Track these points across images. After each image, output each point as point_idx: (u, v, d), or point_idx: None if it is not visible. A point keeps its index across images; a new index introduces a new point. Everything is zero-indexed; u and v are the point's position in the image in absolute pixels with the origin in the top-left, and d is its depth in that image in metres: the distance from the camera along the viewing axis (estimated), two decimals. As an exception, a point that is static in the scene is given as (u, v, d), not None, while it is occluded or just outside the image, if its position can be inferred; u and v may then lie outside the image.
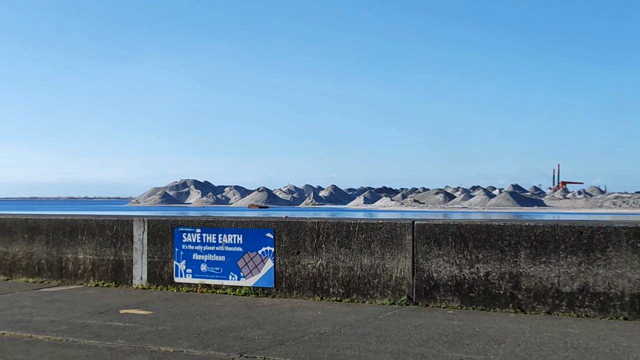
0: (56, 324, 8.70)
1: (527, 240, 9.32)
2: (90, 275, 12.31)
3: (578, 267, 9.01)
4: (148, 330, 8.27)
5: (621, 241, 8.85)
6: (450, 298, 9.68)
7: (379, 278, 10.12)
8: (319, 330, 8.18)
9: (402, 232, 10.06)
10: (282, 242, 10.78)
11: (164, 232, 11.71)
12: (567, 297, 9.04)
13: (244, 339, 7.77)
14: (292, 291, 10.65)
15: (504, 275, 9.40)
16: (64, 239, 12.64)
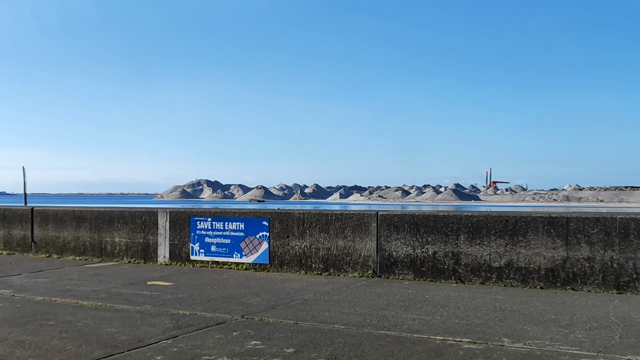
0: (97, 292, 8.63)
1: (466, 226, 9.32)
2: (124, 254, 12.22)
3: (505, 247, 9.01)
4: (169, 297, 8.21)
5: (538, 227, 8.86)
6: (406, 272, 9.66)
7: (351, 256, 10.09)
8: (304, 297, 8.14)
9: (369, 221, 10.04)
10: (275, 228, 10.74)
11: (182, 221, 11.64)
12: (497, 271, 9.04)
13: (245, 304, 7.72)
14: (283, 266, 10.61)
15: (447, 254, 9.39)
16: (104, 225, 12.55)
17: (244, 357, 5.33)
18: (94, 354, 5.49)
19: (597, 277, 8.46)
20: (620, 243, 8.36)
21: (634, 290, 8.23)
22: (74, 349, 5.63)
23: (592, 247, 8.51)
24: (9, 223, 13.86)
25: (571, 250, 8.63)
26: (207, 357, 5.33)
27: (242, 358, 5.29)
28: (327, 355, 5.34)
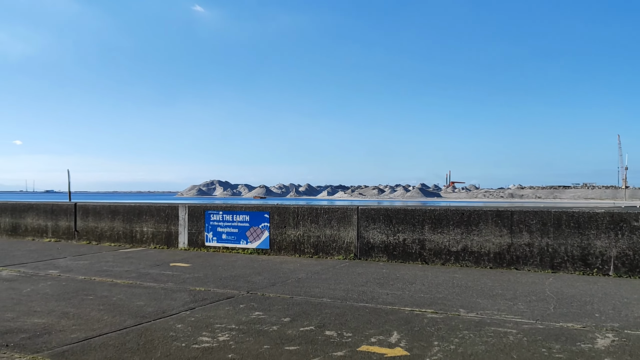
0: (129, 272, 8.58)
1: (429, 218, 9.33)
2: (151, 241, 12.15)
3: (461, 235, 9.03)
4: (188, 276, 8.17)
5: (488, 219, 8.89)
6: (381, 255, 9.66)
7: (336, 243, 10.08)
8: (298, 276, 8.12)
9: (351, 214, 10.03)
10: (274, 220, 10.71)
11: (198, 214, 11.58)
12: (455, 254, 9.05)
13: (249, 282, 7.69)
14: (281, 251, 10.58)
15: (414, 241, 9.39)
16: (134, 218, 12.48)
17: (249, 325, 5.32)
18: (125, 322, 5.46)
19: (536, 259, 8.49)
20: (554, 232, 8.40)
21: (565, 269, 8.28)
22: (110, 319, 5.61)
23: (532, 235, 8.55)
24: (56, 216, 13.77)
25: (515, 238, 8.66)
26: (218, 325, 5.32)
27: (247, 326, 5.28)
28: (317, 323, 5.34)
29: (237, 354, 4.44)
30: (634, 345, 4.56)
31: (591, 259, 8.14)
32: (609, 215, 8.13)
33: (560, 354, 4.36)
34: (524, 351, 4.43)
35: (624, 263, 7.94)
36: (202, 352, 4.49)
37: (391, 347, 4.56)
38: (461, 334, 4.95)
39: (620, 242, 7.97)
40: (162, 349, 4.58)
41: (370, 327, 5.18)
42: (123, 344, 4.75)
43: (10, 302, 6.46)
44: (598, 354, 4.34)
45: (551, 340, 4.73)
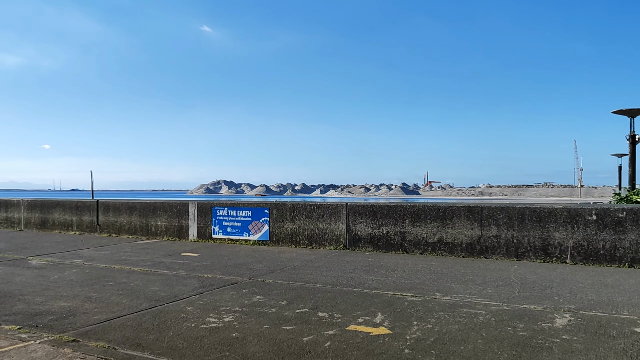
0: (144, 261, 8.54)
1: (410, 213, 9.34)
2: (164, 234, 12.09)
3: (437, 228, 9.04)
4: (197, 265, 8.14)
5: (461, 214, 8.90)
6: (367, 246, 9.66)
7: (328, 235, 10.07)
8: (294, 264, 8.10)
9: (341, 209, 10.02)
10: (273, 215, 10.68)
11: (206, 210, 11.53)
12: (431, 245, 9.07)
13: (251, 269, 7.67)
14: (279, 242, 10.56)
15: (396, 233, 9.40)
16: (149, 213, 12.41)
17: (250, 307, 5.30)
18: (142, 305, 5.44)
19: (503, 249, 8.52)
20: (519, 225, 8.43)
21: (528, 258, 8.30)
22: (128, 302, 5.58)
23: (499, 228, 8.57)
24: (80, 211, 13.68)
25: (484, 230, 8.69)
26: (224, 307, 5.30)
27: (250, 308, 5.26)
28: (311, 306, 5.33)
29: (240, 332, 4.43)
30: (587, 324, 4.58)
31: (551, 248, 8.17)
32: (566, 210, 8.16)
33: (524, 332, 4.38)
34: (492, 330, 4.45)
35: (579, 252, 7.97)
36: (209, 332, 4.47)
37: (376, 327, 4.56)
38: (437, 314, 4.96)
39: (576, 234, 8.01)
40: (174, 329, 4.56)
41: (357, 309, 5.18)
42: (140, 324, 4.73)
43: (40, 287, 6.42)
44: (557, 332, 4.36)
45: (516, 320, 4.75)
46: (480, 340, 4.16)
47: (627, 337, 4.22)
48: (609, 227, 7.81)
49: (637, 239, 7.61)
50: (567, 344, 4.05)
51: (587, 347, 3.99)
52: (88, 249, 10.33)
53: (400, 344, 4.09)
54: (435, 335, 4.31)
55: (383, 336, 4.29)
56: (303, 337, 4.28)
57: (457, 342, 4.12)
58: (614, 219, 7.79)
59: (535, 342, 4.12)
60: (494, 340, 4.17)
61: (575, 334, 4.31)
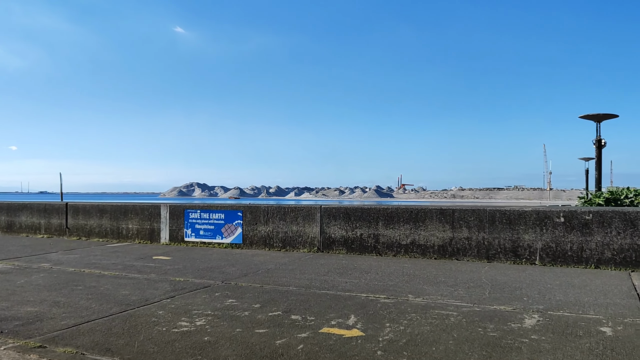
0: (115, 265, 8.39)
1: (383, 215, 9.39)
2: (136, 237, 11.90)
3: (410, 230, 9.12)
4: (169, 268, 8.03)
5: (433, 216, 8.99)
6: (341, 248, 9.67)
7: (302, 237, 10.06)
8: (267, 267, 8.06)
9: (315, 212, 10.02)
10: (247, 217, 10.61)
11: (178, 212, 11.40)
12: (404, 247, 9.13)
13: (224, 273, 7.61)
14: (253, 245, 10.50)
15: (370, 235, 9.44)
16: (120, 216, 12.20)
17: (223, 311, 5.26)
18: (112, 310, 5.34)
19: (474, 251, 8.63)
20: (489, 227, 8.56)
21: (499, 260, 8.43)
22: (97, 307, 5.47)
23: (470, 230, 8.69)
24: (49, 214, 13.37)
25: (456, 232, 8.79)
26: (196, 311, 5.24)
27: (222, 312, 5.22)
28: (284, 309, 5.31)
29: (212, 336, 4.38)
30: (555, 324, 4.68)
31: (520, 250, 8.31)
32: (535, 213, 8.32)
33: (494, 332, 4.44)
34: (463, 330, 4.50)
35: (547, 254, 8.13)
36: (181, 336, 4.41)
37: (349, 329, 4.57)
38: (409, 316, 4.99)
39: (545, 235, 8.17)
40: (145, 333, 4.49)
41: (330, 312, 5.18)
42: (109, 329, 4.64)
43: (5, 292, 6.24)
44: (526, 332, 4.44)
45: (486, 321, 4.81)
46: (451, 341, 4.20)
47: (593, 336, 4.32)
48: (576, 229, 7.99)
49: (603, 240, 7.81)
50: (536, 344, 4.12)
51: (554, 346, 4.07)
52: (56, 252, 10.09)
53: (372, 346, 4.10)
54: (407, 336, 4.34)
55: (356, 338, 4.30)
56: (276, 340, 4.26)
57: (428, 343, 4.16)
58: (581, 221, 7.97)
59: (505, 342, 4.18)
60: (465, 341, 4.22)
61: (544, 334, 4.39)
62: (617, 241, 7.74)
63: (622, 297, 5.76)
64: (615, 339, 4.25)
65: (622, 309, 5.21)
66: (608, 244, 7.78)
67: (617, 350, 3.96)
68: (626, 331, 4.46)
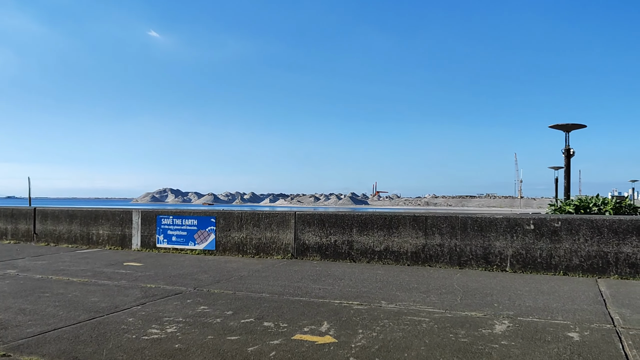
0: (84, 271, 8.21)
1: (357, 222, 9.42)
2: (107, 243, 11.67)
3: (384, 237, 9.16)
4: (140, 275, 7.90)
5: (406, 223, 9.05)
6: (315, 254, 9.66)
7: (276, 244, 10.01)
8: (241, 274, 8.00)
9: (289, 218, 9.99)
10: (220, 224, 10.52)
11: (150, 218, 11.22)
12: (378, 253, 9.17)
13: (196, 279, 7.52)
14: (226, 252, 10.40)
15: (344, 242, 9.45)
16: (91, 221, 11.96)
17: (195, 318, 5.19)
18: (80, 317, 5.22)
19: (446, 258, 8.72)
20: (461, 234, 8.66)
21: (470, 266, 8.53)
22: (65, 314, 5.35)
23: (443, 237, 8.78)
24: (16, 219, 13.03)
25: (428, 239, 8.87)
26: (167, 318, 5.17)
27: (194, 319, 5.15)
28: (256, 316, 5.27)
29: (183, 344, 4.32)
30: (525, 330, 4.75)
31: (492, 257, 8.43)
32: (506, 220, 8.46)
33: (465, 338, 4.49)
34: (435, 336, 4.53)
35: (518, 260, 8.26)
36: (151, 343, 4.34)
37: (322, 336, 4.56)
38: (382, 322, 5.01)
39: (515, 242, 8.30)
40: (114, 341, 4.40)
41: (303, 318, 5.16)
42: (77, 336, 4.54)
43: (-32, 299, 6.05)
44: (496, 338, 4.50)
45: (458, 327, 4.86)
46: (423, 347, 4.23)
47: (561, 341, 4.40)
48: (545, 236, 8.15)
49: (571, 247, 7.98)
50: (506, 349, 4.18)
51: (523, 351, 4.13)
52: (23, 258, 9.83)
53: (345, 353, 4.10)
54: (380, 343, 4.35)
55: (328, 345, 4.29)
56: (248, 348, 4.22)
57: (401, 349, 4.17)
58: (550, 229, 8.13)
59: (476, 348, 4.22)
60: (437, 346, 4.25)
61: (514, 339, 4.46)
62: (584, 248, 7.92)
63: (589, 303, 5.89)
64: (582, 344, 4.34)
65: (589, 315, 5.32)
66: (576, 251, 7.95)
67: (583, 355, 4.04)
68: (592, 336, 4.55)
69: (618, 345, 4.30)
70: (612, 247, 7.77)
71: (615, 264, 7.73)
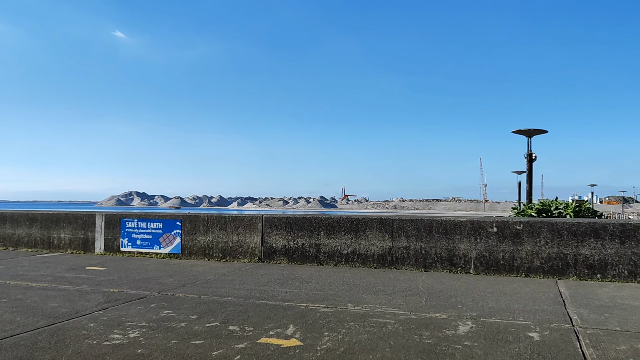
0: (44, 276, 7.97)
1: (325, 225, 9.43)
2: (68, 247, 11.37)
3: (351, 239, 9.20)
4: (103, 279, 7.72)
5: (373, 226, 9.11)
6: (282, 258, 9.63)
7: (243, 247, 9.94)
8: (206, 278, 7.91)
9: (256, 221, 9.93)
10: (186, 227, 10.38)
11: (114, 221, 10.99)
12: (345, 256, 9.20)
13: (161, 283, 7.39)
14: (192, 255, 10.26)
15: (312, 245, 9.45)
16: (52, 225, 11.63)
17: (158, 322, 5.10)
18: (38, 323, 5.06)
19: (412, 260, 8.81)
20: (427, 236, 8.77)
21: (435, 268, 8.64)
22: (22, 320, 5.18)
23: (409, 239, 8.87)
24: (-28, 223, 12.57)
25: (395, 242, 8.95)
26: (130, 323, 5.06)
27: (157, 323, 5.06)
28: (222, 319, 5.22)
29: (146, 349, 4.24)
30: (487, 331, 4.83)
31: (456, 259, 8.56)
32: (470, 223, 8.60)
33: (429, 339, 4.54)
34: (400, 338, 4.57)
35: (481, 262, 8.42)
36: (112, 349, 4.24)
37: (287, 339, 4.54)
38: (348, 325, 5.02)
39: (479, 245, 8.46)
40: (74, 347, 4.29)
41: (269, 322, 5.13)
42: (35, 343, 4.40)
43: None
44: (459, 339, 4.56)
45: (422, 328, 4.91)
46: (388, 349, 4.26)
47: (521, 341, 4.50)
48: (508, 238, 8.32)
49: (533, 249, 8.17)
50: (468, 350, 4.24)
51: (486, 352, 4.20)
52: (-20, 263, 9.49)
53: (310, 355, 4.10)
54: (345, 345, 4.36)
55: (294, 348, 4.28)
56: (212, 352, 4.17)
57: (366, 352, 4.19)
58: (513, 231, 8.31)
59: (440, 349, 4.28)
60: (402, 348, 4.29)
61: (476, 340, 4.53)
62: (545, 250, 8.12)
63: (549, 304, 6.04)
64: (542, 343, 4.44)
65: (549, 315, 5.45)
66: (537, 253, 8.15)
67: (543, 355, 4.14)
68: (552, 336, 4.67)
69: (576, 344, 4.42)
70: (571, 249, 7.99)
71: (574, 265, 7.96)
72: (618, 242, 7.80)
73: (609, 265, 7.80)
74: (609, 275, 7.78)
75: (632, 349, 4.29)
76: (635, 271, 7.69)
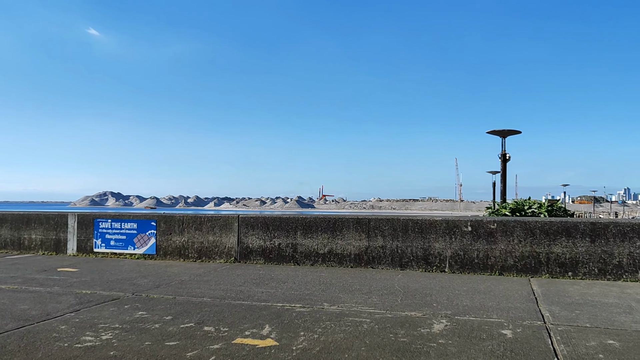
0: (14, 278, 7.79)
1: (302, 225, 9.42)
2: (40, 248, 11.14)
3: (328, 239, 9.21)
4: (75, 280, 7.58)
5: (350, 225, 9.14)
6: (259, 258, 9.59)
7: (218, 247, 9.87)
8: (181, 279, 7.83)
9: (232, 221, 9.87)
10: (161, 227, 10.25)
11: (87, 222, 10.80)
12: (322, 256, 9.20)
13: (135, 284, 7.29)
14: (167, 256, 10.15)
15: (288, 245, 9.43)
16: (22, 225, 11.38)
17: (132, 324, 5.03)
18: (7, 326, 4.94)
19: (388, 259, 8.86)
20: (403, 236, 8.82)
21: (411, 267, 8.71)
22: (-9, 323, 5.05)
23: (385, 239, 8.91)
24: (-62, 224, 12.22)
25: (371, 241, 8.98)
26: (102, 325, 4.98)
27: (131, 325, 4.99)
28: (197, 320, 5.17)
29: (119, 351, 4.17)
30: (461, 329, 4.89)
31: (431, 258, 8.64)
32: (445, 222, 8.69)
33: (405, 338, 4.57)
34: (375, 337, 4.59)
35: (456, 261, 8.51)
36: (84, 351, 4.17)
37: (263, 339, 4.52)
38: (324, 324, 5.02)
39: (454, 244, 8.55)
40: (44, 350, 4.20)
41: (245, 322, 5.10)
42: (4, 346, 4.29)
43: None
44: (434, 337, 4.60)
45: (398, 327, 4.94)
46: (363, 348, 4.27)
47: (495, 339, 4.56)
48: (482, 237, 8.43)
49: (506, 248, 8.29)
50: (443, 348, 4.28)
51: (460, 349, 4.24)
52: (-54, 265, 9.23)
53: (286, 355, 4.08)
54: (321, 344, 4.36)
55: (269, 348, 4.26)
56: (187, 353, 4.13)
57: (341, 351, 4.20)
58: (487, 230, 8.42)
59: (415, 347, 4.31)
60: (377, 347, 4.30)
61: (451, 338, 4.58)
62: (518, 249, 8.25)
63: (522, 302, 6.13)
64: (515, 340, 4.51)
65: (522, 313, 5.54)
66: (511, 252, 8.27)
67: (515, 351, 4.20)
68: (524, 333, 4.74)
69: (547, 340, 4.50)
70: (543, 247, 8.13)
71: (546, 263, 8.10)
72: (589, 241, 7.97)
73: (580, 264, 7.97)
74: (580, 273, 7.95)
75: (602, 345, 4.39)
76: (605, 269, 7.87)
